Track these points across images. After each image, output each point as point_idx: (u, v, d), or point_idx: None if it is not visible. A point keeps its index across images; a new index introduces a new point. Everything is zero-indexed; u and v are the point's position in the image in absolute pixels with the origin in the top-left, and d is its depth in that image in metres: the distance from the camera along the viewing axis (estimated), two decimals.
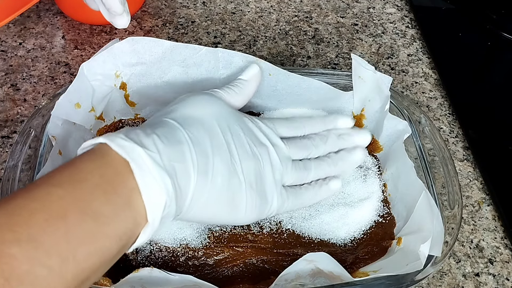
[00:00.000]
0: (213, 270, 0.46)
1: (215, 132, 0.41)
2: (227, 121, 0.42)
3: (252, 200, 0.41)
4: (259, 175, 0.42)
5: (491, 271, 0.52)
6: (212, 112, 0.42)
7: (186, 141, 0.39)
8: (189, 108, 0.42)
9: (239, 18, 0.76)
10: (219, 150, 0.40)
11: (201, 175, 0.38)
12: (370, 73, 0.54)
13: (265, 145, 0.43)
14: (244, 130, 0.43)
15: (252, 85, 0.48)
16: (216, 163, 0.40)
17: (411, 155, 0.51)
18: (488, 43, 0.76)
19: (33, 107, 0.62)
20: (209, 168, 0.39)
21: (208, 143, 0.40)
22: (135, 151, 0.35)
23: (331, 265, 0.42)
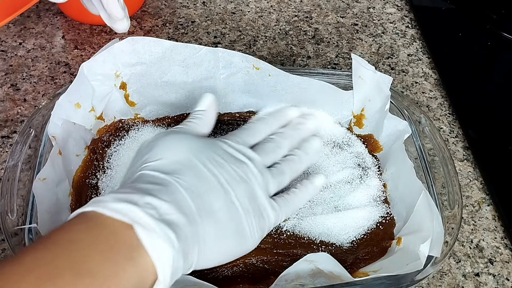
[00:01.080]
0: (213, 270, 0.46)
1: (199, 169, 0.40)
2: (204, 153, 0.41)
3: (252, 223, 0.41)
4: (251, 196, 0.41)
5: (491, 271, 0.52)
6: (187, 149, 0.41)
7: (176, 189, 0.38)
8: (164, 152, 0.40)
9: (239, 18, 0.76)
10: (210, 186, 0.39)
11: (203, 217, 0.38)
12: (370, 73, 0.54)
13: (245, 162, 0.43)
14: (222, 156, 0.42)
15: (211, 113, 0.47)
16: (212, 200, 0.39)
17: (411, 155, 0.51)
18: (488, 43, 0.76)
19: (33, 107, 0.62)
20: (208, 207, 0.38)
21: (198, 183, 0.39)
22: (131, 212, 0.34)
23: (331, 265, 0.42)
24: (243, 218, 0.40)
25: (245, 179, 0.42)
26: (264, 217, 0.42)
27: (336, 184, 0.53)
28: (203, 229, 0.37)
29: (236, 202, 0.40)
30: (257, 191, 0.42)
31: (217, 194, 0.39)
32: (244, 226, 0.40)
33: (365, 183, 0.53)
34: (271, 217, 0.42)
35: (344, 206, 0.51)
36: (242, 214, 0.40)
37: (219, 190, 0.40)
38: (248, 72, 0.55)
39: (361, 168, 0.54)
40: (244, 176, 0.42)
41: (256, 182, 0.42)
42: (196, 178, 0.39)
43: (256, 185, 0.42)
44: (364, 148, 0.56)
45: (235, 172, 0.41)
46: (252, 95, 0.57)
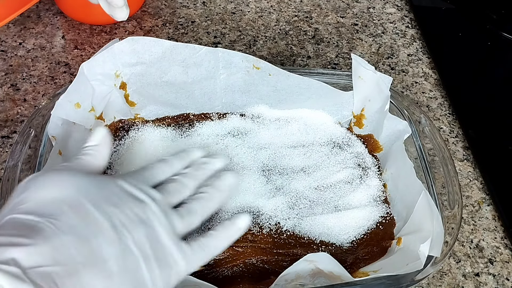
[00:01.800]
0: (213, 270, 0.46)
1: (85, 210, 0.34)
2: (95, 191, 0.36)
3: (154, 272, 0.35)
4: (153, 239, 0.36)
5: (491, 271, 0.52)
6: (72, 187, 0.35)
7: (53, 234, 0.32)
8: (41, 192, 0.34)
9: (239, 18, 0.76)
10: (99, 229, 0.34)
11: (89, 268, 0.32)
12: (370, 73, 0.54)
13: (144, 201, 0.37)
14: (117, 195, 0.37)
15: (104, 148, 0.41)
16: (102, 246, 0.33)
17: (411, 155, 0.51)
18: (488, 43, 0.76)
19: (33, 107, 0.62)
20: (97, 256, 0.33)
21: (83, 226, 0.33)
22: None
23: (332, 265, 0.42)
24: (143, 266, 0.35)
25: (145, 220, 0.36)
26: (170, 264, 0.37)
27: (336, 184, 0.53)
28: (88, 283, 0.32)
29: (133, 247, 0.35)
30: (160, 233, 0.37)
31: (108, 238, 0.34)
32: (144, 275, 0.35)
33: (365, 183, 0.53)
34: (179, 263, 0.37)
35: (344, 206, 0.51)
36: (141, 261, 0.35)
37: (111, 234, 0.34)
38: (248, 72, 0.55)
39: (361, 168, 0.54)
40: (144, 217, 0.36)
41: (158, 223, 0.37)
42: (81, 220, 0.34)
43: (159, 226, 0.37)
44: (364, 148, 0.56)
45: (133, 213, 0.36)
46: (252, 95, 0.57)
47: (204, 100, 0.57)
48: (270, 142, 0.56)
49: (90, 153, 0.41)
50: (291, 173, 0.53)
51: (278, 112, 0.58)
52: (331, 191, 0.52)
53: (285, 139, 0.56)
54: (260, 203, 0.50)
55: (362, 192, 0.52)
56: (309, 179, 0.53)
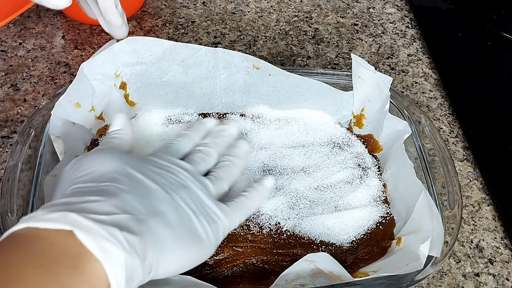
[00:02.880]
0: (213, 270, 0.46)
1: (136, 177, 0.38)
2: (137, 164, 0.40)
3: (205, 225, 0.39)
4: (196, 199, 0.40)
5: (491, 271, 0.52)
6: (119, 161, 0.39)
7: (116, 192, 0.35)
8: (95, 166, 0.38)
9: (239, 18, 0.76)
10: (152, 191, 0.38)
11: (153, 217, 0.36)
12: (370, 73, 0.54)
13: (179, 171, 0.41)
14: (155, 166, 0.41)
15: (128, 131, 0.46)
16: (159, 202, 0.37)
17: (411, 155, 0.51)
18: (488, 43, 0.76)
19: (33, 107, 0.62)
20: (157, 209, 0.37)
21: (138, 187, 0.37)
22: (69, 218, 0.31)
23: (332, 265, 0.42)
24: (194, 220, 0.39)
25: (185, 185, 0.40)
26: (215, 220, 0.40)
27: (336, 184, 0.53)
28: (155, 228, 0.35)
29: (182, 204, 0.39)
30: (200, 194, 0.41)
31: (161, 197, 0.38)
32: (197, 228, 0.38)
33: (365, 183, 0.53)
34: (223, 220, 0.41)
35: (344, 206, 0.51)
36: (192, 216, 0.39)
37: (162, 193, 0.38)
38: (248, 72, 0.55)
39: (361, 168, 0.54)
40: (183, 183, 0.40)
41: (196, 187, 0.41)
42: (134, 183, 0.37)
43: (198, 190, 0.41)
44: (364, 148, 0.56)
45: (173, 179, 0.40)
46: (252, 95, 0.57)
47: (204, 100, 0.57)
48: (270, 142, 0.56)
49: (117, 136, 0.45)
50: (291, 173, 0.53)
51: (278, 112, 0.58)
52: (331, 191, 0.52)
53: (285, 139, 0.56)
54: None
55: (362, 192, 0.52)
56: (309, 179, 0.53)
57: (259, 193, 0.46)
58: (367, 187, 0.53)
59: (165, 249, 0.36)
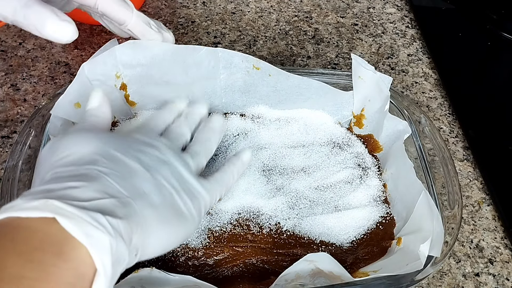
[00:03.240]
0: (213, 270, 0.46)
1: (116, 157, 0.37)
2: (117, 142, 0.39)
3: (187, 203, 0.39)
4: (177, 176, 0.40)
5: (491, 271, 0.52)
6: (98, 141, 0.38)
7: (98, 175, 0.34)
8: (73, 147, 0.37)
9: (239, 18, 0.76)
10: (133, 170, 0.37)
11: (137, 199, 0.35)
12: (370, 73, 0.54)
13: (160, 147, 0.41)
14: (136, 143, 0.40)
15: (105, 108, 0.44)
16: (142, 183, 0.37)
17: (411, 155, 0.51)
18: (488, 43, 0.76)
19: (33, 107, 0.62)
20: (140, 190, 0.36)
21: (119, 168, 0.36)
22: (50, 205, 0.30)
23: (332, 265, 0.42)
24: (177, 198, 0.39)
25: (166, 161, 0.40)
26: (197, 196, 0.41)
27: (336, 184, 0.53)
28: (139, 210, 0.35)
29: (164, 182, 0.38)
30: (182, 171, 0.41)
31: (143, 177, 0.37)
32: (180, 206, 0.39)
33: (365, 183, 0.53)
34: (204, 196, 0.41)
35: (344, 206, 0.51)
36: (174, 194, 0.39)
37: (145, 173, 0.38)
38: (248, 72, 0.55)
39: (361, 168, 0.54)
40: (165, 158, 0.41)
41: (177, 163, 0.41)
42: (116, 164, 0.36)
43: (178, 165, 0.41)
44: (364, 148, 0.56)
45: (154, 156, 0.40)
46: (252, 95, 0.57)
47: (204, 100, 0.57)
48: (270, 142, 0.56)
49: (94, 114, 0.43)
50: (291, 173, 0.53)
51: (278, 112, 0.58)
52: (331, 191, 0.52)
53: (285, 139, 0.56)
54: (260, 203, 0.50)
55: (362, 192, 0.52)
56: (309, 179, 0.53)
57: (237, 168, 0.47)
58: (367, 187, 0.53)
59: (150, 230, 0.35)
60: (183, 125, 0.48)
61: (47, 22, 0.43)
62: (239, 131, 0.56)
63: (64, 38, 0.44)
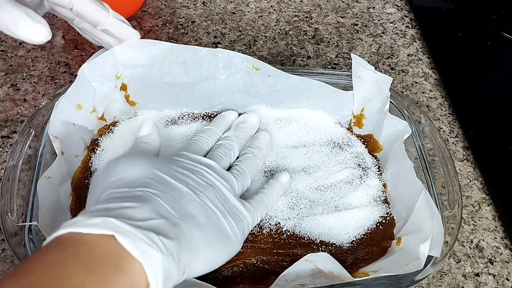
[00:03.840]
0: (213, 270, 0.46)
1: (165, 180, 0.40)
2: (165, 167, 0.41)
3: (232, 224, 0.41)
4: (222, 198, 0.42)
5: (491, 271, 0.52)
6: (148, 165, 0.41)
7: (150, 197, 0.37)
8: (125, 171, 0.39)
9: (239, 18, 0.76)
10: (181, 193, 0.40)
11: (185, 221, 0.38)
12: (370, 73, 0.54)
13: (204, 170, 0.44)
14: (182, 168, 0.42)
15: (155, 136, 0.47)
16: (189, 205, 0.39)
17: (411, 155, 0.51)
18: (488, 43, 0.76)
19: (33, 107, 0.62)
20: (187, 212, 0.39)
21: (172, 191, 0.39)
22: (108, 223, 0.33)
23: (332, 265, 0.42)
24: (222, 219, 0.41)
25: (211, 184, 0.43)
26: (241, 218, 0.43)
27: (336, 184, 0.53)
28: (188, 231, 0.37)
29: (210, 205, 0.41)
30: (226, 193, 0.43)
31: (190, 199, 0.40)
32: (225, 227, 0.41)
33: (365, 183, 0.53)
34: (247, 217, 0.43)
35: (344, 206, 0.51)
36: (220, 216, 0.41)
37: (192, 196, 0.40)
38: (248, 73, 0.55)
39: (361, 168, 0.54)
40: (210, 182, 0.43)
41: (222, 186, 0.43)
42: (166, 187, 0.39)
43: (223, 188, 0.43)
44: (364, 148, 0.56)
45: (200, 179, 0.42)
46: (252, 95, 0.57)
47: (204, 100, 0.57)
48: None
49: (146, 141, 0.47)
50: (292, 173, 0.53)
51: (278, 112, 0.58)
52: (331, 191, 0.52)
53: (286, 139, 0.56)
54: None
55: (362, 192, 0.52)
56: (309, 179, 0.53)
57: (276, 189, 0.49)
58: (367, 187, 0.53)
59: (197, 250, 0.37)
60: (231, 140, 0.50)
61: (20, 23, 0.42)
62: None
63: (38, 39, 0.43)
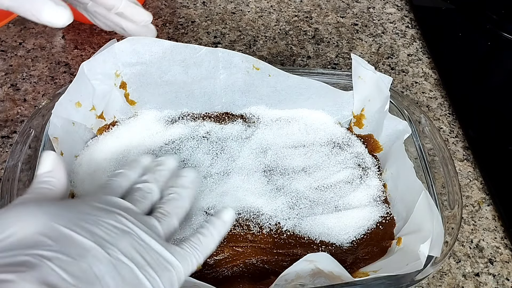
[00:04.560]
0: (213, 270, 0.46)
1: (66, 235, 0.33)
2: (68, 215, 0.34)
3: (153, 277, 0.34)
4: (140, 247, 0.35)
5: (491, 271, 0.52)
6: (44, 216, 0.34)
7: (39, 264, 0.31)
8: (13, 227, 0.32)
9: (239, 18, 0.76)
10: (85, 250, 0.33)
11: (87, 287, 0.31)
12: (370, 73, 0.54)
13: (120, 213, 0.37)
14: (91, 213, 0.36)
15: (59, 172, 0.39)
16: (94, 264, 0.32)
17: (411, 155, 0.51)
18: (488, 43, 0.76)
19: (33, 107, 0.62)
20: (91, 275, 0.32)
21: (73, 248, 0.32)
22: None
23: (332, 265, 0.42)
24: (139, 275, 0.34)
25: (125, 230, 0.36)
26: (168, 268, 0.36)
27: (336, 184, 0.53)
28: None
29: (123, 258, 0.34)
30: (146, 239, 0.36)
31: (96, 255, 0.33)
32: (145, 284, 0.34)
33: (365, 183, 0.53)
34: (177, 266, 0.36)
35: (344, 206, 0.51)
36: (136, 271, 0.34)
37: (98, 251, 0.33)
38: (248, 72, 0.55)
39: (361, 168, 0.54)
40: (125, 228, 0.36)
41: (140, 230, 0.36)
42: (63, 245, 0.32)
43: (141, 232, 0.36)
44: (364, 148, 0.56)
45: (111, 226, 0.35)
46: (252, 95, 0.57)
47: (204, 100, 0.57)
48: (270, 142, 0.56)
49: (46, 181, 0.39)
50: (292, 173, 0.53)
51: (278, 112, 0.58)
52: (331, 191, 0.52)
53: (286, 139, 0.56)
54: (260, 203, 0.50)
55: (362, 192, 0.52)
56: (309, 179, 0.53)
57: (217, 229, 0.41)
58: (367, 187, 0.53)
59: None
60: (149, 181, 0.43)
61: (43, 8, 0.43)
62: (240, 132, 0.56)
63: (61, 21, 0.44)
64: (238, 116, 0.57)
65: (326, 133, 0.57)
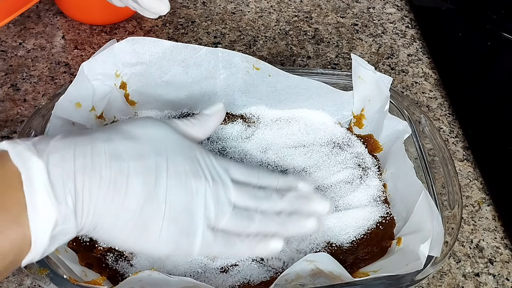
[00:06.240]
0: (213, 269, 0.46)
1: (145, 153, 0.36)
2: (169, 147, 0.37)
3: (168, 232, 0.36)
4: (188, 209, 0.36)
5: (491, 271, 0.52)
6: (153, 134, 0.37)
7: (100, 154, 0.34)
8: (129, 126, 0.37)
9: (239, 18, 0.76)
10: (142, 170, 0.35)
11: (110, 193, 0.34)
12: (370, 73, 0.54)
13: (207, 179, 0.37)
14: (187, 160, 0.37)
15: (213, 121, 0.43)
16: (133, 183, 0.34)
17: (411, 155, 0.51)
18: (488, 43, 0.76)
19: (33, 107, 0.62)
20: (123, 186, 0.34)
21: (132, 161, 0.35)
22: (31, 160, 0.31)
23: (332, 265, 0.42)
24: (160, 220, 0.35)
25: (191, 191, 0.36)
26: (190, 238, 0.36)
27: (336, 184, 0.53)
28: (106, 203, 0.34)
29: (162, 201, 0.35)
30: (198, 209, 0.36)
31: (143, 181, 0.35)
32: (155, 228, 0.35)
33: (365, 183, 0.53)
34: (196, 243, 0.37)
35: (344, 206, 0.51)
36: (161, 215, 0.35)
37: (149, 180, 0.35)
38: (248, 72, 0.55)
39: (361, 168, 0.54)
40: (193, 188, 0.36)
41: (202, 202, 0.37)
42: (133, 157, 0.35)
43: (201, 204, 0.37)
44: (364, 148, 0.56)
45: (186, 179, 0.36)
46: (252, 95, 0.57)
47: (204, 100, 0.57)
48: (270, 142, 0.56)
49: (199, 119, 0.42)
50: (292, 173, 0.53)
51: (278, 112, 0.58)
52: (331, 191, 0.52)
53: (286, 139, 0.56)
54: None
55: (362, 192, 0.52)
56: (309, 179, 0.53)
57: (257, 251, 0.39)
58: (367, 187, 0.53)
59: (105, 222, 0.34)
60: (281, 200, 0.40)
61: None
62: (240, 132, 0.56)
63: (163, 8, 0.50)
64: (238, 116, 0.57)
65: (326, 133, 0.57)
